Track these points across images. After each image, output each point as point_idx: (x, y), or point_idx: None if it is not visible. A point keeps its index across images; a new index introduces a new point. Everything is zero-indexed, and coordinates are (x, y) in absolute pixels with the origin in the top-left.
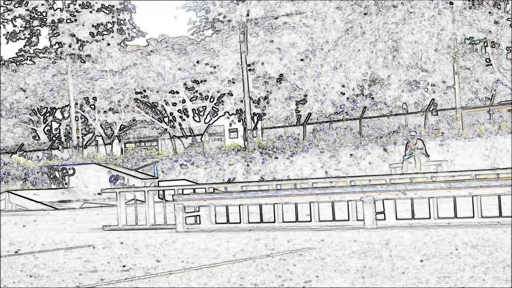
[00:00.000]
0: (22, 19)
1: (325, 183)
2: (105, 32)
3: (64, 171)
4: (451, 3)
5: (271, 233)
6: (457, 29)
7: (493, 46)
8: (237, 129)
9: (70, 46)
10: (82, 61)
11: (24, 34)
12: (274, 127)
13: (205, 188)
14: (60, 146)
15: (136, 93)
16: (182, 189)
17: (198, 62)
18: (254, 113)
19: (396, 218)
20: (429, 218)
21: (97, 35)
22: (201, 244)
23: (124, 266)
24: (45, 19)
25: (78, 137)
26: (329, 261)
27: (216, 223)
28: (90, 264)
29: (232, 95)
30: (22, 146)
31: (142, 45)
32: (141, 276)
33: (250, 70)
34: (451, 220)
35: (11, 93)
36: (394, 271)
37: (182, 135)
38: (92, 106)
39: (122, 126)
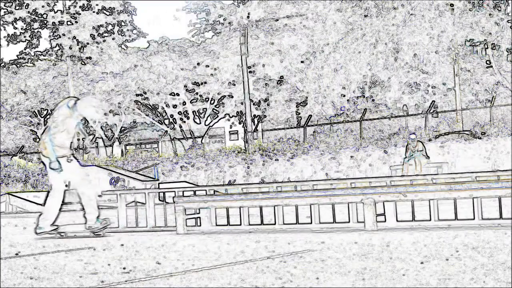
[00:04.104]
0: (22, 21)
1: (326, 185)
2: (106, 34)
3: None
4: (452, 5)
5: (272, 235)
6: (457, 31)
7: (494, 48)
8: (237, 131)
9: (70, 48)
10: (82, 63)
11: (24, 36)
12: (275, 129)
13: (206, 190)
14: None
15: (137, 95)
16: (183, 191)
17: (198, 64)
18: (254, 115)
19: (397, 220)
20: (430, 220)
21: (97, 36)
22: (202, 246)
23: (124, 268)
24: (45, 21)
25: (78, 139)
26: (330, 263)
27: (216, 225)
28: (90, 266)
29: (232, 97)
30: (22, 148)
31: (143, 47)
32: (142, 278)
33: (250, 72)
34: (451, 222)
35: (12, 95)
36: (395, 273)
37: (182, 137)
38: None
39: (122, 128)
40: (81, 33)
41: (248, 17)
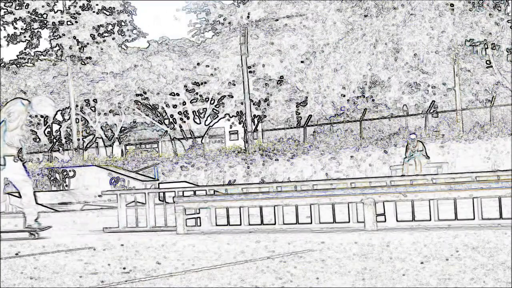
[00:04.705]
0: (22, 21)
1: (326, 185)
2: (106, 34)
3: (65, 173)
4: (452, 5)
5: (272, 235)
6: (457, 31)
7: (494, 48)
8: (237, 131)
9: (70, 48)
10: (82, 63)
11: (24, 36)
12: (275, 129)
13: (206, 190)
14: (61, 148)
15: (137, 95)
16: (183, 191)
17: (198, 64)
18: (254, 115)
19: (397, 220)
20: (430, 220)
21: (97, 36)
22: (202, 246)
23: (124, 268)
24: (45, 21)
25: (78, 139)
26: (330, 263)
27: (216, 225)
28: (90, 266)
29: (232, 97)
30: (21, 148)
31: (143, 47)
32: (142, 278)
33: (250, 72)
34: (451, 222)
35: (12, 95)
36: (395, 273)
37: (182, 137)
38: (93, 108)
39: (122, 128)
40: (81, 33)
41: (248, 17)
